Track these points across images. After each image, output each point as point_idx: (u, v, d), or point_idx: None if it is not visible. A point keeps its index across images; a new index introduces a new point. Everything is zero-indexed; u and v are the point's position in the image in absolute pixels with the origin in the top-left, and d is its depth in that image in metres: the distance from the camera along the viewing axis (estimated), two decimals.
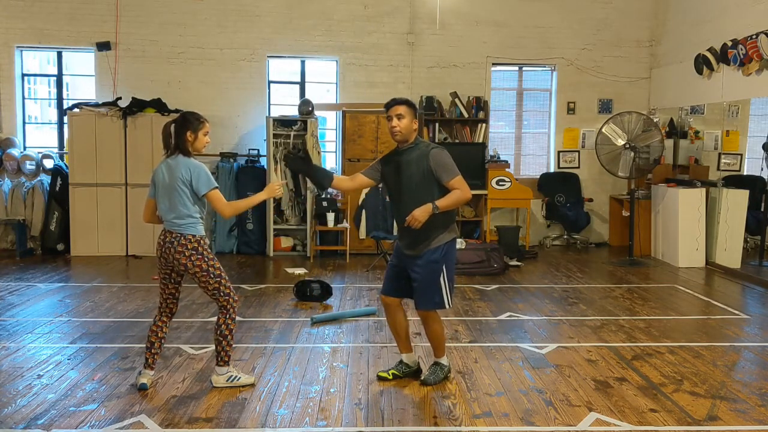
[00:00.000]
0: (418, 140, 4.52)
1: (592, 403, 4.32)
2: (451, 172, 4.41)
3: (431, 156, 4.39)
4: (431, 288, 4.47)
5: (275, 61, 10.63)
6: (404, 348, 4.76)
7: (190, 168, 4.30)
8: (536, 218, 10.91)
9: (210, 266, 4.35)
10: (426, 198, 4.37)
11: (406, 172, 4.44)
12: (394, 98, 4.55)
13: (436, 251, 4.44)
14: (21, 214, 9.56)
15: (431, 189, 4.40)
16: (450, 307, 4.60)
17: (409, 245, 4.49)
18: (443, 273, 4.47)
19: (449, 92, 10.44)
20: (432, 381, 4.61)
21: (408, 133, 4.46)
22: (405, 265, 4.56)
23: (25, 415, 4.05)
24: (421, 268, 4.45)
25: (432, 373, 4.65)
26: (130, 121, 9.46)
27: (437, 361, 4.72)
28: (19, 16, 9.96)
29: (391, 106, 4.50)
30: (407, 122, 4.44)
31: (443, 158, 4.42)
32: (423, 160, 4.40)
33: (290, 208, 9.97)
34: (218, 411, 4.14)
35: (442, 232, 4.45)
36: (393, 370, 4.71)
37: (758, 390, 4.59)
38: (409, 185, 4.43)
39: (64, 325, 6.05)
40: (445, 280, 4.49)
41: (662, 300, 7.29)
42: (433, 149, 4.44)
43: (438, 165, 4.38)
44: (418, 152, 4.44)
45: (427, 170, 4.39)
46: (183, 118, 4.40)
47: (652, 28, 10.86)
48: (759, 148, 8.94)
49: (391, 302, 4.68)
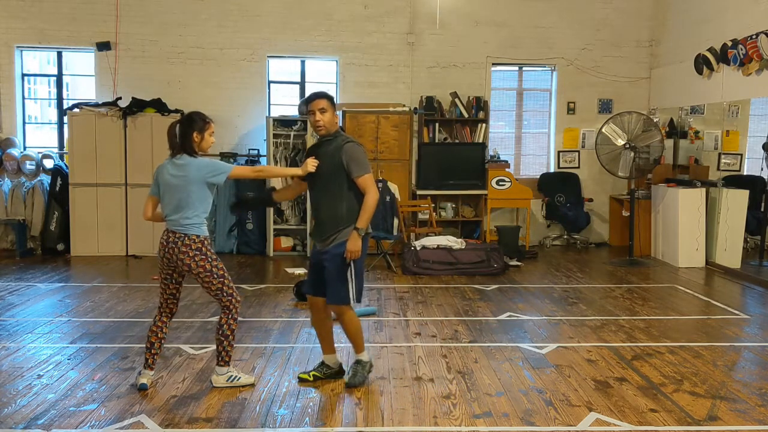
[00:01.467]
0: (338, 133, 4.54)
1: (592, 403, 4.32)
2: (361, 168, 4.40)
3: (344, 149, 4.42)
4: (338, 282, 4.43)
5: (275, 61, 10.63)
6: (327, 349, 4.71)
7: (201, 167, 4.33)
8: (536, 218, 10.91)
9: (213, 267, 4.35)
10: (335, 189, 4.42)
11: (322, 162, 4.47)
12: (314, 92, 4.59)
13: (343, 245, 4.40)
14: (21, 214, 9.56)
15: (341, 181, 4.42)
16: (355, 303, 4.50)
17: (320, 239, 4.50)
18: (350, 268, 4.43)
19: (449, 92, 10.44)
20: (356, 382, 4.56)
21: (331, 125, 4.50)
22: (318, 260, 4.54)
23: (25, 415, 4.05)
24: (330, 262, 4.43)
25: (354, 375, 4.60)
26: (130, 121, 9.46)
27: (358, 359, 4.66)
28: (19, 16, 9.96)
29: (312, 100, 4.51)
30: (329, 116, 4.48)
31: (356, 153, 4.43)
32: (337, 152, 4.43)
33: (290, 208, 9.97)
34: (218, 411, 4.14)
35: (350, 226, 4.41)
36: (314, 372, 4.67)
37: (758, 390, 4.59)
38: (323, 176, 4.46)
39: (64, 325, 6.05)
40: (352, 275, 4.45)
41: (662, 300, 7.29)
42: (347, 143, 4.47)
43: (350, 159, 4.39)
44: (334, 144, 4.47)
45: (338, 162, 4.40)
46: (189, 119, 4.40)
47: (652, 28, 10.86)
48: (759, 148, 8.94)
49: (315, 301, 4.64)
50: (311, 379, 4.63)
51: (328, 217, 4.46)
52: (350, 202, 4.43)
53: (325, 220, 4.48)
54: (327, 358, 4.71)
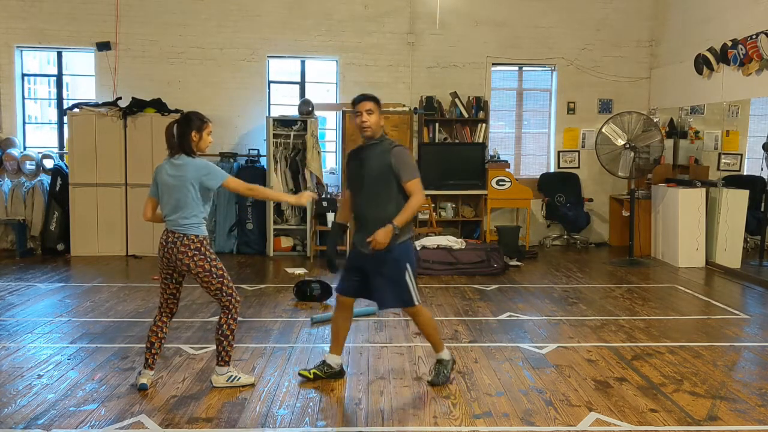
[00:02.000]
0: (383, 137, 4.53)
1: (592, 403, 4.32)
2: (410, 172, 4.40)
3: (393, 153, 4.40)
4: (398, 287, 4.44)
5: (275, 61, 10.63)
6: (334, 349, 4.71)
7: (198, 168, 4.32)
8: (536, 218, 10.91)
9: (213, 266, 4.35)
10: (383, 194, 4.39)
11: (367, 166, 4.45)
12: (362, 94, 4.55)
13: (394, 250, 4.39)
14: (21, 214, 9.56)
15: (389, 186, 4.40)
16: (419, 303, 4.52)
17: (365, 243, 4.43)
18: (408, 270, 4.45)
19: (449, 92, 10.44)
20: (441, 381, 4.59)
21: (377, 128, 4.48)
22: (363, 264, 4.51)
23: (25, 415, 4.05)
24: (383, 267, 4.42)
25: (437, 374, 4.63)
26: (130, 121, 9.46)
27: (439, 358, 4.68)
28: (19, 16, 9.96)
29: (359, 101, 4.49)
30: (376, 117, 4.46)
31: (405, 157, 4.43)
32: (385, 156, 4.41)
33: (290, 208, 9.97)
34: (218, 411, 4.14)
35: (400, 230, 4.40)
36: (315, 370, 4.67)
37: (758, 390, 4.59)
38: (368, 180, 4.44)
39: (64, 325, 6.05)
40: (410, 277, 4.46)
41: (662, 300, 7.29)
42: (396, 147, 4.45)
43: (399, 163, 4.38)
44: (381, 148, 4.45)
45: (387, 166, 4.38)
46: (186, 118, 4.40)
47: (652, 28, 10.86)
48: (759, 148, 8.94)
49: (346, 301, 4.64)
50: (311, 377, 4.63)
51: (375, 221, 4.38)
52: (398, 205, 4.40)
53: (371, 224, 4.39)
54: (331, 357, 4.70)
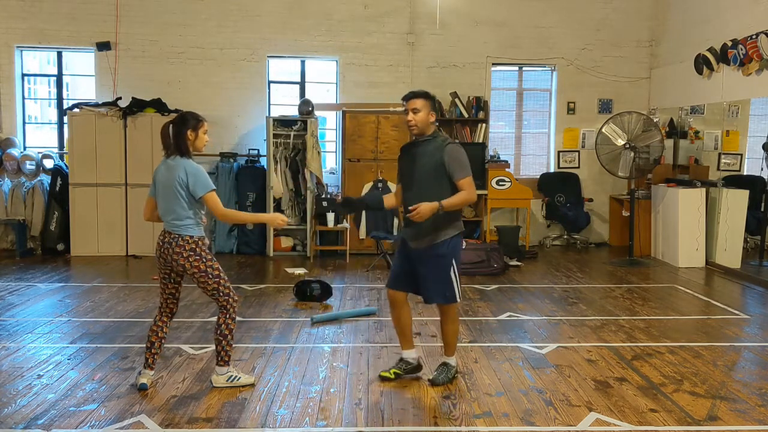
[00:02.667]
0: (436, 133, 4.52)
1: (592, 403, 4.32)
2: (463, 170, 4.40)
3: (447, 150, 4.40)
4: (441, 282, 4.47)
5: (275, 61, 10.63)
6: (406, 345, 4.74)
7: (187, 170, 4.30)
8: (536, 218, 10.91)
9: (208, 267, 4.35)
10: (435, 190, 4.38)
11: (419, 162, 4.45)
12: (412, 91, 4.54)
13: (442, 245, 4.43)
14: (21, 214, 9.56)
15: (441, 182, 4.40)
16: (460, 300, 4.60)
17: (414, 238, 4.48)
18: (453, 267, 4.47)
19: (449, 92, 10.44)
20: (441, 381, 4.60)
21: (424, 126, 4.46)
22: (411, 258, 4.54)
23: (25, 415, 4.05)
24: (429, 262, 4.45)
25: (441, 373, 4.65)
26: (130, 121, 9.46)
27: (446, 361, 4.70)
28: (19, 16, 9.96)
29: (408, 99, 4.48)
30: (423, 115, 4.44)
31: (459, 154, 4.42)
32: (438, 152, 4.41)
33: (290, 208, 9.97)
34: (218, 411, 4.14)
35: (447, 227, 4.45)
36: (394, 369, 4.69)
37: (758, 390, 4.59)
38: (420, 176, 4.44)
39: (64, 325, 6.05)
40: (455, 273, 4.49)
41: (662, 300, 7.29)
42: (449, 144, 4.45)
43: (452, 160, 4.38)
44: (434, 145, 4.45)
45: (440, 163, 4.39)
46: (182, 118, 4.39)
47: (652, 28, 10.86)
48: (759, 148, 8.94)
49: (397, 296, 4.65)
50: (393, 377, 4.64)
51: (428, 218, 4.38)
52: None
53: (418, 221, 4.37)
54: (406, 353, 4.72)
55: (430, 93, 4.53)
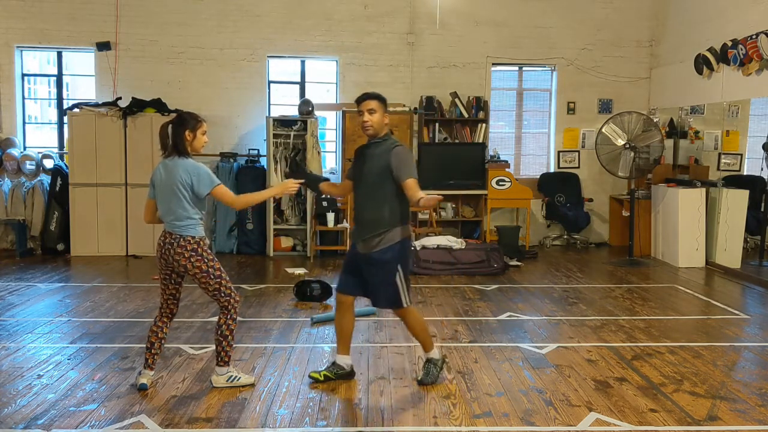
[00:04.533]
0: (387, 136, 4.53)
1: (592, 403, 4.32)
2: (408, 171, 4.38)
3: (394, 153, 4.40)
4: (388, 288, 4.45)
5: (275, 61, 10.63)
6: (342, 349, 4.70)
7: (189, 170, 4.30)
8: (536, 218, 10.91)
9: (210, 267, 4.35)
10: (380, 192, 4.40)
11: (368, 164, 4.47)
12: (365, 93, 4.56)
13: (388, 251, 4.41)
14: (21, 214, 9.55)
15: (386, 186, 4.40)
16: (409, 305, 4.53)
17: (362, 241, 4.48)
18: (399, 272, 4.44)
19: (449, 92, 10.44)
20: (428, 381, 4.60)
21: (379, 127, 4.48)
22: (359, 263, 4.53)
23: (25, 415, 4.05)
24: (375, 268, 4.44)
25: (426, 373, 4.63)
26: (130, 121, 9.46)
27: (428, 357, 4.68)
28: (19, 16, 9.96)
29: (362, 100, 4.49)
30: (378, 117, 4.46)
31: (405, 157, 4.43)
32: (385, 155, 4.42)
33: (290, 208, 9.97)
34: (218, 411, 4.14)
35: (393, 231, 4.43)
36: (325, 372, 4.66)
37: (758, 390, 4.59)
38: (367, 179, 4.47)
39: (64, 325, 6.05)
40: (401, 279, 4.46)
41: (662, 300, 7.29)
42: (397, 146, 4.45)
43: (399, 162, 4.38)
44: (383, 147, 4.47)
45: (386, 166, 4.39)
46: (180, 118, 4.39)
47: (652, 28, 10.86)
48: (759, 148, 8.94)
49: (345, 300, 4.64)
50: (322, 379, 4.63)
51: (371, 220, 4.43)
52: (393, 204, 4.42)
53: (367, 222, 4.44)
54: (340, 358, 4.70)
55: (382, 95, 4.54)
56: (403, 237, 4.48)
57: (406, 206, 4.45)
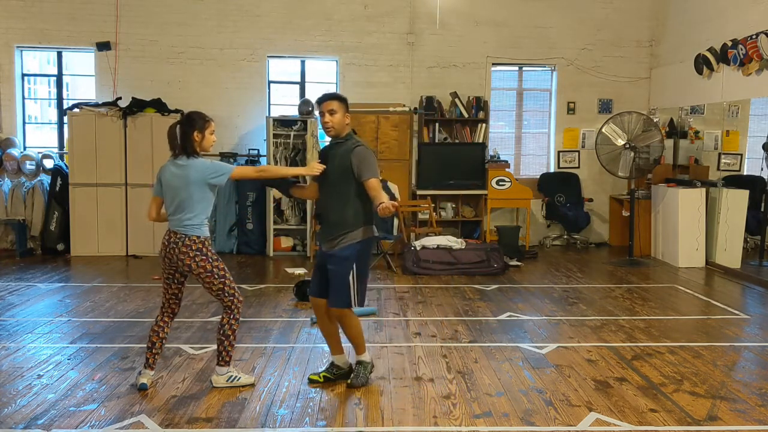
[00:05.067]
0: (349, 136, 4.55)
1: (592, 403, 4.32)
2: (369, 171, 4.38)
3: (354, 152, 4.41)
4: (340, 286, 4.44)
5: (275, 61, 10.62)
6: (335, 350, 4.71)
7: (202, 169, 4.33)
8: (536, 218, 10.91)
9: (214, 267, 4.36)
10: (343, 191, 4.42)
11: (332, 164, 4.48)
12: (325, 93, 4.58)
13: (348, 248, 4.42)
14: (21, 214, 9.55)
15: (348, 187, 4.42)
16: (355, 306, 4.51)
17: (326, 240, 4.51)
18: (353, 271, 4.44)
19: (449, 92, 10.44)
20: (359, 383, 4.56)
21: (340, 127, 4.49)
22: (323, 261, 4.55)
23: (25, 415, 4.05)
24: (334, 264, 4.45)
25: (356, 375, 4.60)
26: (130, 121, 9.46)
27: (359, 359, 4.66)
28: (19, 16, 9.96)
29: (323, 101, 4.51)
30: (339, 117, 4.47)
31: (365, 156, 4.42)
32: (347, 155, 4.43)
33: (290, 208, 9.97)
34: (218, 411, 4.14)
35: (356, 230, 4.44)
36: (324, 373, 4.67)
37: (758, 390, 4.59)
38: (331, 179, 4.48)
39: (64, 325, 6.05)
40: (354, 278, 4.45)
41: (662, 300, 7.29)
42: (357, 146, 4.46)
43: (359, 162, 4.39)
44: (345, 147, 4.48)
45: (348, 166, 4.40)
46: (189, 119, 4.40)
47: (652, 28, 10.86)
48: (759, 148, 8.94)
49: (318, 303, 4.63)
50: (321, 381, 4.63)
51: (335, 220, 4.46)
52: (357, 205, 4.44)
53: (331, 222, 4.48)
54: (336, 358, 4.70)
55: (343, 96, 4.56)
56: (364, 237, 4.48)
57: (369, 206, 4.45)
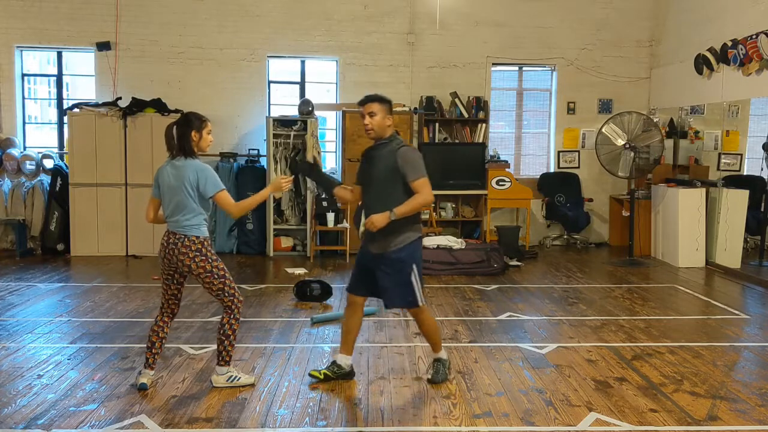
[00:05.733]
0: (392, 137, 4.52)
1: (592, 403, 4.32)
2: (416, 172, 4.38)
3: (399, 154, 4.40)
4: (403, 288, 4.45)
5: (275, 61, 10.62)
6: (345, 349, 4.71)
7: (197, 170, 4.31)
8: (536, 218, 10.91)
9: (214, 267, 4.35)
10: (390, 194, 4.39)
11: (375, 166, 4.47)
12: (367, 95, 4.54)
13: (402, 250, 4.42)
14: (21, 214, 9.56)
15: (396, 186, 4.40)
16: (423, 304, 4.55)
17: (374, 243, 4.47)
18: (413, 271, 4.46)
19: (449, 92, 10.44)
20: (439, 379, 4.62)
21: (381, 129, 4.46)
22: (371, 263, 4.53)
23: (25, 415, 4.05)
24: (390, 268, 4.44)
25: (436, 372, 4.66)
26: (130, 121, 9.46)
27: (437, 357, 4.71)
28: (19, 16, 9.96)
29: (363, 103, 4.48)
30: (379, 119, 4.44)
31: (412, 157, 4.42)
32: (391, 156, 4.41)
33: (290, 208, 9.97)
34: (218, 411, 4.14)
35: (407, 231, 4.44)
36: (325, 371, 4.67)
37: (758, 390, 4.59)
38: (376, 180, 4.46)
39: (64, 325, 6.05)
40: (416, 278, 4.47)
41: (662, 300, 7.29)
42: (402, 147, 4.45)
43: (405, 163, 4.38)
44: (389, 149, 4.45)
45: (393, 167, 4.39)
46: (185, 119, 4.40)
47: (652, 28, 10.86)
48: (759, 148, 8.95)
49: (356, 300, 4.66)
50: (322, 378, 4.63)
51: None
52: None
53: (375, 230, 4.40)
54: (341, 358, 4.70)
55: (386, 97, 4.52)
56: (416, 236, 4.50)
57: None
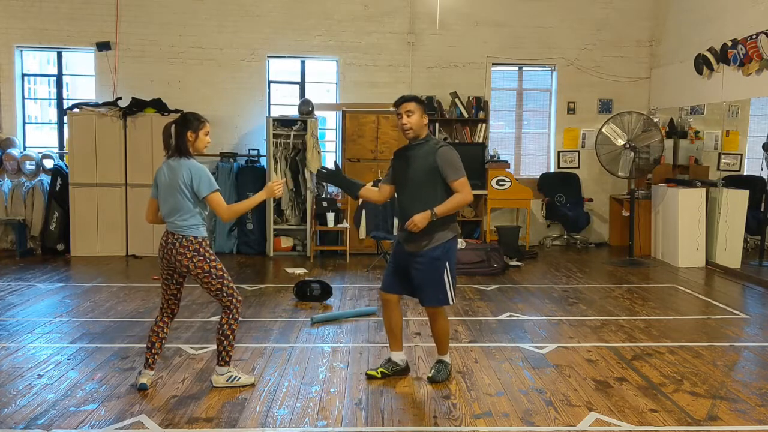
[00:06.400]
0: (429, 137, 4.55)
1: (592, 403, 4.32)
2: (456, 172, 4.42)
3: (439, 153, 4.42)
4: (435, 285, 4.50)
5: (275, 61, 10.63)
6: (396, 346, 4.77)
7: (191, 170, 4.30)
8: (536, 218, 10.91)
9: (212, 267, 4.35)
10: (429, 194, 4.40)
11: (413, 166, 4.47)
12: (402, 95, 4.56)
13: (437, 249, 4.46)
14: (21, 214, 9.56)
15: (435, 186, 4.43)
16: (453, 303, 4.63)
17: (410, 241, 4.51)
18: (447, 270, 4.50)
19: (449, 92, 10.45)
20: (440, 378, 4.64)
21: (419, 129, 4.48)
22: (405, 261, 4.57)
23: (25, 415, 4.05)
24: (424, 265, 4.48)
25: (438, 371, 4.67)
26: (130, 121, 9.46)
27: (441, 359, 4.73)
28: (19, 16, 9.96)
29: (400, 103, 4.50)
30: (417, 118, 4.46)
31: (451, 157, 4.44)
32: (430, 156, 4.43)
33: (290, 208, 9.97)
34: (218, 411, 4.14)
35: (443, 230, 4.48)
36: (381, 369, 4.71)
37: (758, 390, 4.59)
38: (414, 180, 4.47)
39: (64, 325, 6.05)
40: (448, 277, 4.52)
41: (662, 300, 7.29)
42: (441, 147, 4.47)
43: (444, 163, 4.40)
44: (427, 148, 4.47)
45: (433, 167, 4.41)
46: (183, 119, 4.40)
47: (652, 28, 10.86)
48: (759, 148, 8.95)
49: (390, 299, 4.68)
50: (379, 376, 4.66)
51: None
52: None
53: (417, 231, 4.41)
54: (395, 354, 4.75)
55: (421, 97, 4.58)
56: (452, 235, 4.53)
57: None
